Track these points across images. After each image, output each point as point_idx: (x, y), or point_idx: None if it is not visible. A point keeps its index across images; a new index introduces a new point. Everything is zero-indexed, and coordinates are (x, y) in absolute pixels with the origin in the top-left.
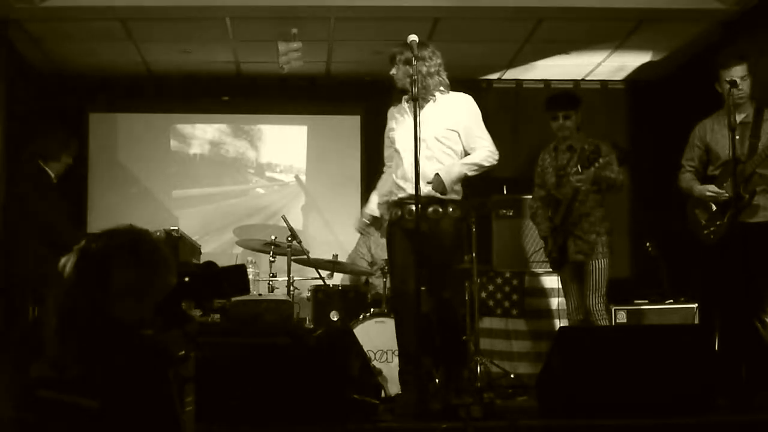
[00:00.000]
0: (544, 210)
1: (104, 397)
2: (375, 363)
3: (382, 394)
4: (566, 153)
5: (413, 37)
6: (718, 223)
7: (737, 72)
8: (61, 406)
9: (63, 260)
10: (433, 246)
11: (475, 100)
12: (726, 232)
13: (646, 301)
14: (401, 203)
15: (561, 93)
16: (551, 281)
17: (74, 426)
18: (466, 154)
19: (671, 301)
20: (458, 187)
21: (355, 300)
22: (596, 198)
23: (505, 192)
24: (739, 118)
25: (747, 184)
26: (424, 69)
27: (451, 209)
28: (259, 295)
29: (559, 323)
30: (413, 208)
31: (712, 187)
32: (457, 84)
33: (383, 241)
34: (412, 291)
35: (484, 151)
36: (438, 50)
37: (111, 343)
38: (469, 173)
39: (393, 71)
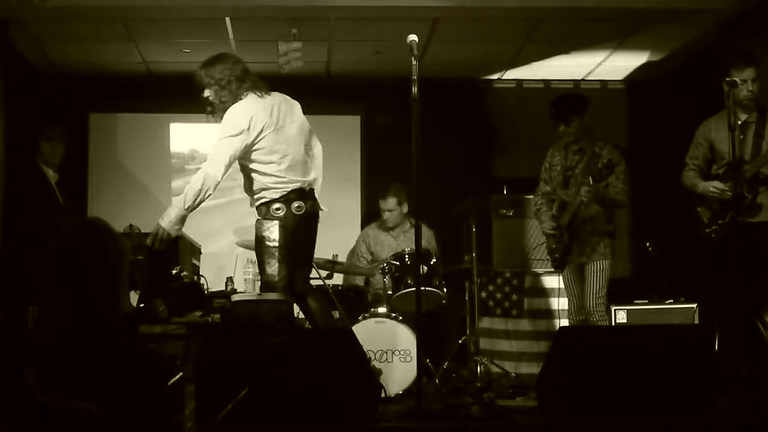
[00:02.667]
0: (548, 207)
1: (101, 400)
2: (375, 363)
3: (383, 395)
4: (577, 155)
5: (413, 37)
6: (720, 222)
7: (747, 74)
8: (59, 410)
9: None
10: None
11: (474, 100)
12: (727, 231)
13: (646, 301)
14: None
15: (562, 98)
16: (551, 281)
17: (73, 430)
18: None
19: (671, 301)
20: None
21: (355, 300)
22: None
23: (505, 192)
24: (743, 117)
25: (751, 184)
26: (232, 78)
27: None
28: (259, 295)
29: (559, 323)
30: None
31: (717, 183)
32: (457, 84)
33: (383, 238)
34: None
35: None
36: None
37: (105, 344)
38: (189, 205)
39: (206, 94)
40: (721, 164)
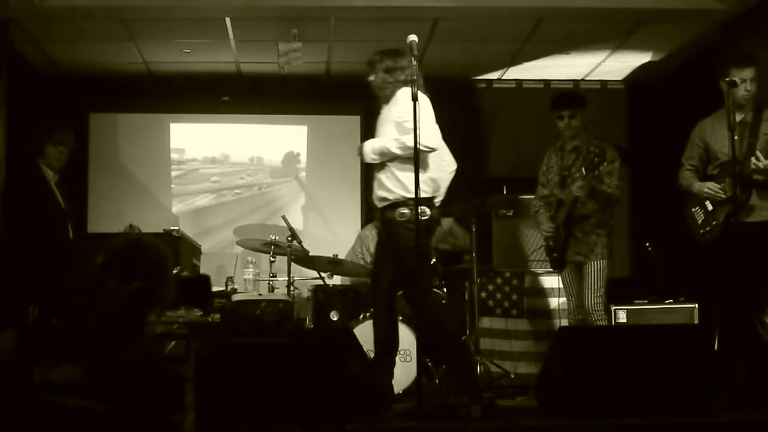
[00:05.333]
0: (546, 209)
1: (113, 402)
2: None
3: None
4: (572, 154)
5: (413, 37)
6: (713, 223)
7: (746, 74)
8: (70, 410)
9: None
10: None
11: (474, 99)
12: (721, 232)
13: (646, 301)
14: None
15: (566, 93)
16: (551, 281)
17: (83, 430)
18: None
19: (671, 301)
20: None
21: (355, 300)
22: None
23: (505, 192)
24: (738, 117)
25: (744, 184)
26: (402, 77)
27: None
28: (259, 295)
29: (559, 323)
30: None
31: (711, 184)
32: (456, 84)
33: None
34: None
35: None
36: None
37: (120, 349)
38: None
39: (371, 78)
40: (716, 165)
